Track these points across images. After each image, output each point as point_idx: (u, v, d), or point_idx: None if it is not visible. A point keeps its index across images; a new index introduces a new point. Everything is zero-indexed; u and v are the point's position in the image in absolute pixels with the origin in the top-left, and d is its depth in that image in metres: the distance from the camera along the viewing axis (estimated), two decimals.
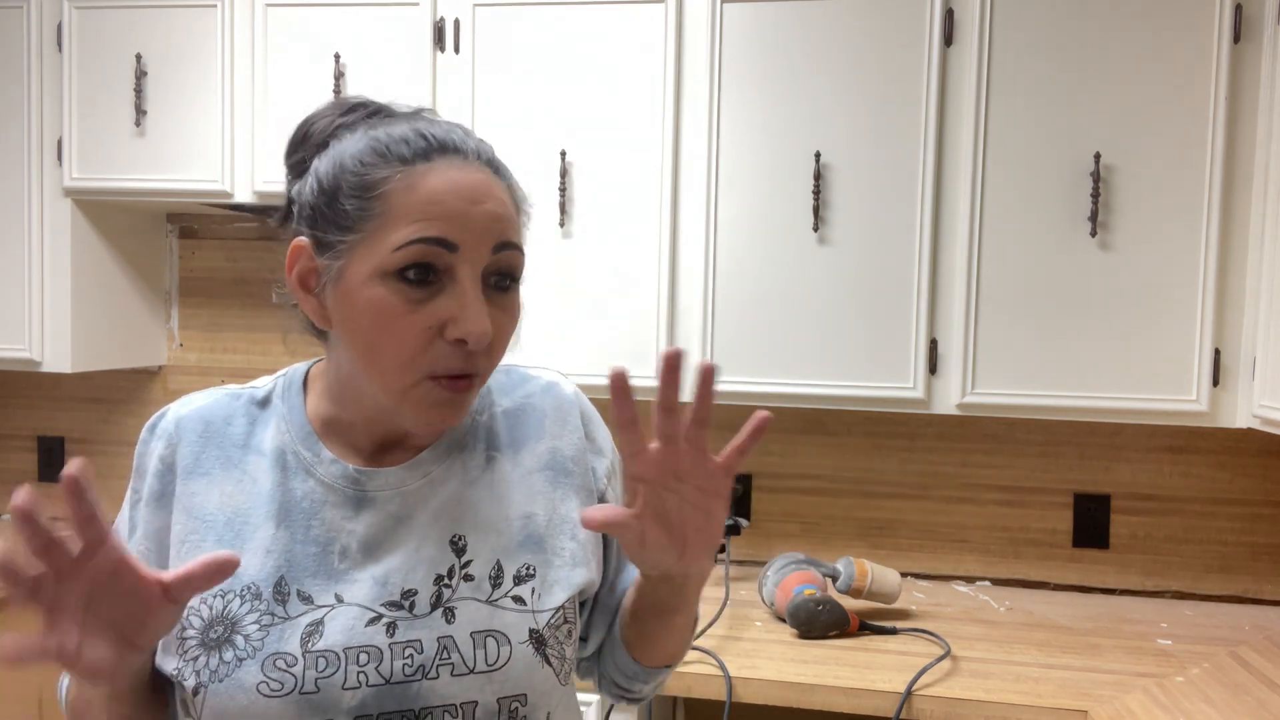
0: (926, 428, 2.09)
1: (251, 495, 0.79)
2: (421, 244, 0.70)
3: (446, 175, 0.72)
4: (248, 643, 0.73)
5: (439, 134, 0.74)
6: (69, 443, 2.42)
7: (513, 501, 0.82)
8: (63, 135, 2.01)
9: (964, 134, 1.75)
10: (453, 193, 0.71)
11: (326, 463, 0.79)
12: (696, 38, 1.82)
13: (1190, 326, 1.70)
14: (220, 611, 0.74)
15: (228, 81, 1.95)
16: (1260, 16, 1.66)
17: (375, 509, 0.79)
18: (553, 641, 0.79)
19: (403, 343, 0.71)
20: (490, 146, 0.78)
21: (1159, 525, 2.03)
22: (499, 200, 0.74)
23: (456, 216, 0.71)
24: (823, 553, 2.13)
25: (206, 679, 0.73)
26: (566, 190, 1.86)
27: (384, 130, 0.74)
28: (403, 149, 0.72)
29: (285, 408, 0.82)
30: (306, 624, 0.74)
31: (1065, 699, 1.45)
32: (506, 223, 0.74)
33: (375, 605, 0.75)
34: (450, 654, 0.75)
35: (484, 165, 0.75)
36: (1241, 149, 1.69)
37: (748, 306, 1.82)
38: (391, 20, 1.90)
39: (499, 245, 0.73)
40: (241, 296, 2.35)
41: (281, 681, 0.72)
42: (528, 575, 0.80)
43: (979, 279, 1.76)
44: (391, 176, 0.71)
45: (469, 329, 0.71)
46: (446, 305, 0.71)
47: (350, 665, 0.73)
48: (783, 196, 1.80)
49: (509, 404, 0.87)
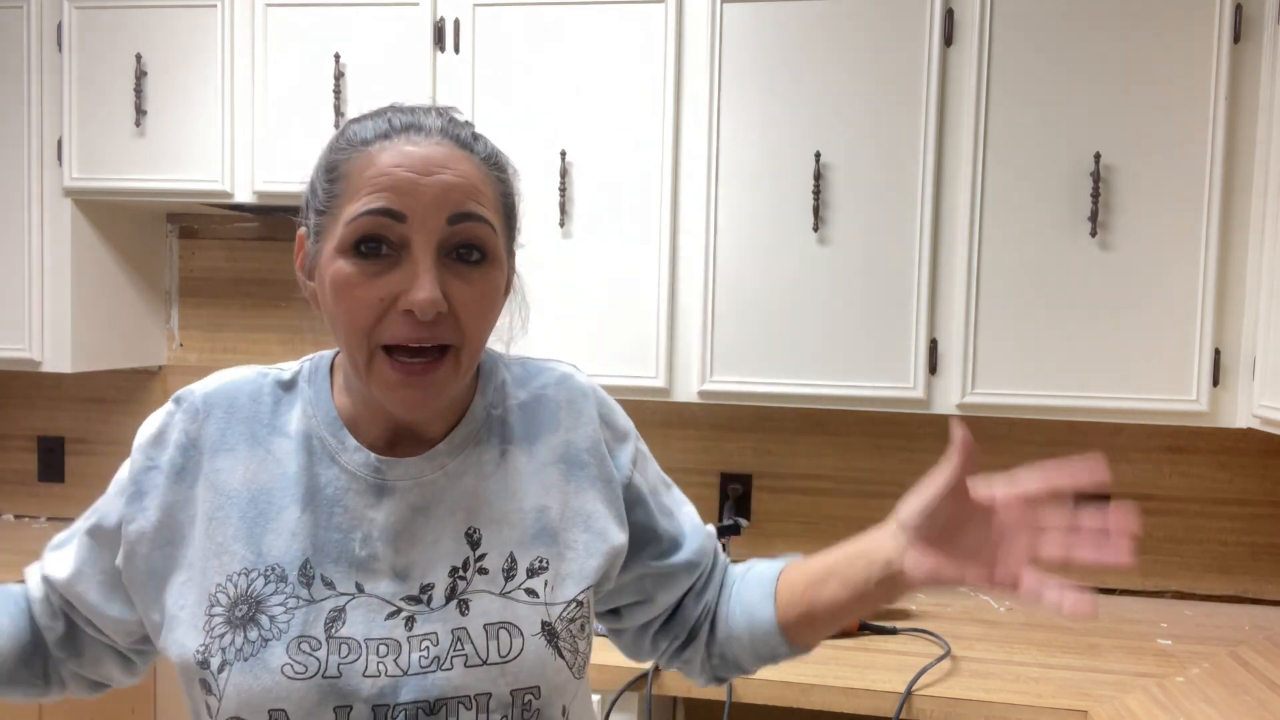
0: (926, 428, 2.09)
1: (276, 476, 0.79)
2: (369, 215, 0.71)
3: (400, 150, 0.72)
4: (273, 624, 0.73)
5: (405, 117, 0.75)
6: (69, 443, 2.42)
7: (526, 494, 0.83)
8: (63, 135, 2.01)
9: (964, 134, 1.75)
10: (402, 165, 0.72)
11: (351, 450, 0.80)
12: (696, 38, 1.82)
13: (1190, 326, 1.70)
14: (245, 590, 0.75)
15: (228, 81, 1.95)
16: (1260, 16, 1.66)
17: (396, 498, 0.79)
18: (565, 635, 0.79)
19: (356, 314, 0.72)
20: (465, 126, 0.78)
21: (1159, 525, 2.02)
22: (458, 172, 0.73)
23: (405, 187, 0.71)
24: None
25: (232, 657, 0.73)
26: (566, 190, 1.86)
27: (358, 120, 0.76)
28: (365, 132, 0.74)
29: (312, 392, 0.82)
30: (330, 609, 0.75)
31: (1065, 699, 1.45)
32: (464, 193, 0.73)
33: (395, 600, 0.76)
34: (464, 645, 0.75)
35: (447, 140, 0.75)
36: (1241, 149, 1.69)
37: (748, 306, 1.82)
38: (391, 20, 1.90)
39: (455, 216, 0.73)
40: (241, 296, 2.35)
41: (305, 665, 0.72)
42: (541, 568, 0.80)
43: (979, 279, 1.76)
44: (351, 157, 0.74)
45: (413, 298, 0.71)
46: (400, 277, 0.72)
47: (370, 655, 0.74)
48: (783, 196, 1.80)
49: (524, 397, 0.87)
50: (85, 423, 2.41)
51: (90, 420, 2.41)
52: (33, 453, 2.43)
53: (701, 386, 1.84)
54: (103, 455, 2.41)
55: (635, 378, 1.85)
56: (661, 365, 1.84)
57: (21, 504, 2.44)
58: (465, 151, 0.75)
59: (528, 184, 1.87)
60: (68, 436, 2.42)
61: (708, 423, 2.16)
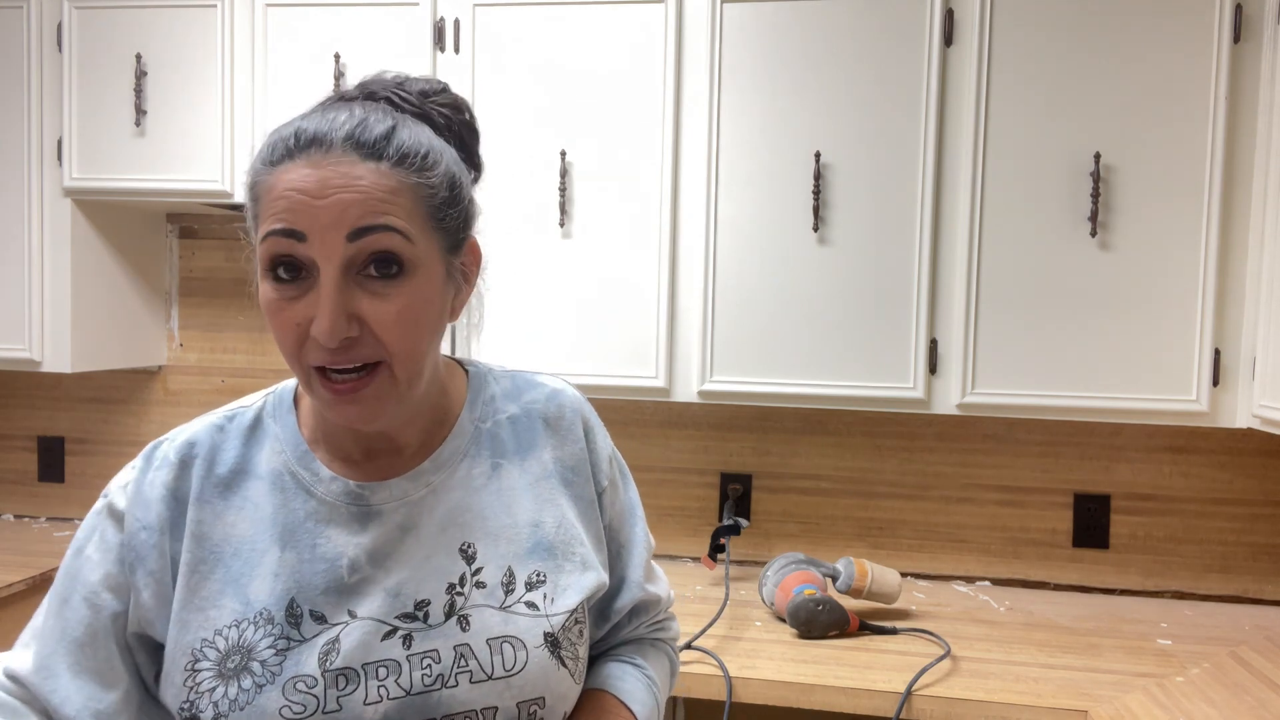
0: (926, 428, 2.09)
1: (254, 521, 0.78)
2: (272, 236, 0.71)
3: (297, 172, 0.70)
4: (265, 668, 0.73)
5: (311, 128, 0.72)
6: (69, 443, 2.42)
7: (521, 508, 0.83)
8: (63, 135, 2.01)
9: (964, 134, 1.75)
10: (298, 188, 0.70)
11: (326, 481, 0.79)
12: (696, 38, 1.82)
13: (1190, 326, 1.70)
14: (236, 641, 0.74)
15: (228, 81, 1.95)
16: (1260, 16, 1.66)
17: (380, 522, 0.78)
18: (566, 643, 0.80)
19: (283, 338, 0.72)
20: (380, 127, 0.73)
21: (1159, 525, 2.02)
22: (356, 188, 0.70)
23: (303, 209, 0.70)
24: (823, 553, 2.13)
25: (226, 709, 0.72)
26: (566, 190, 1.86)
27: (280, 129, 0.74)
28: (275, 151, 0.72)
29: (278, 427, 0.82)
30: (323, 643, 0.74)
31: (1065, 699, 1.45)
32: (364, 208, 0.70)
33: (389, 618, 0.76)
34: (468, 661, 0.75)
35: (350, 149, 0.71)
36: (1241, 149, 1.69)
37: (748, 306, 1.82)
38: (391, 20, 1.90)
39: (354, 232, 0.70)
40: (241, 296, 2.35)
41: (304, 704, 0.72)
42: (539, 581, 0.80)
43: (979, 279, 1.76)
44: (261, 180, 0.73)
45: (317, 329, 0.70)
46: (310, 302, 0.71)
47: (370, 680, 0.73)
48: (783, 196, 1.80)
49: (514, 410, 0.87)
50: (85, 423, 2.41)
51: (90, 420, 2.41)
52: (33, 453, 2.43)
53: (701, 386, 1.84)
54: (103, 455, 2.41)
55: (635, 378, 1.85)
56: (661, 365, 1.84)
57: (21, 504, 2.44)
58: (371, 161, 0.71)
59: (528, 184, 1.87)
60: (68, 436, 2.42)
61: (708, 423, 2.16)
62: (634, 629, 0.96)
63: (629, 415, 2.18)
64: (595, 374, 1.86)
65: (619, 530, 0.92)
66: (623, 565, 0.92)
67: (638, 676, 0.92)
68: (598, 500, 0.88)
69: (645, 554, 0.94)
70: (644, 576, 0.93)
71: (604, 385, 1.86)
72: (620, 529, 0.92)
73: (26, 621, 1.88)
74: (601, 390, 1.87)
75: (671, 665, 1.01)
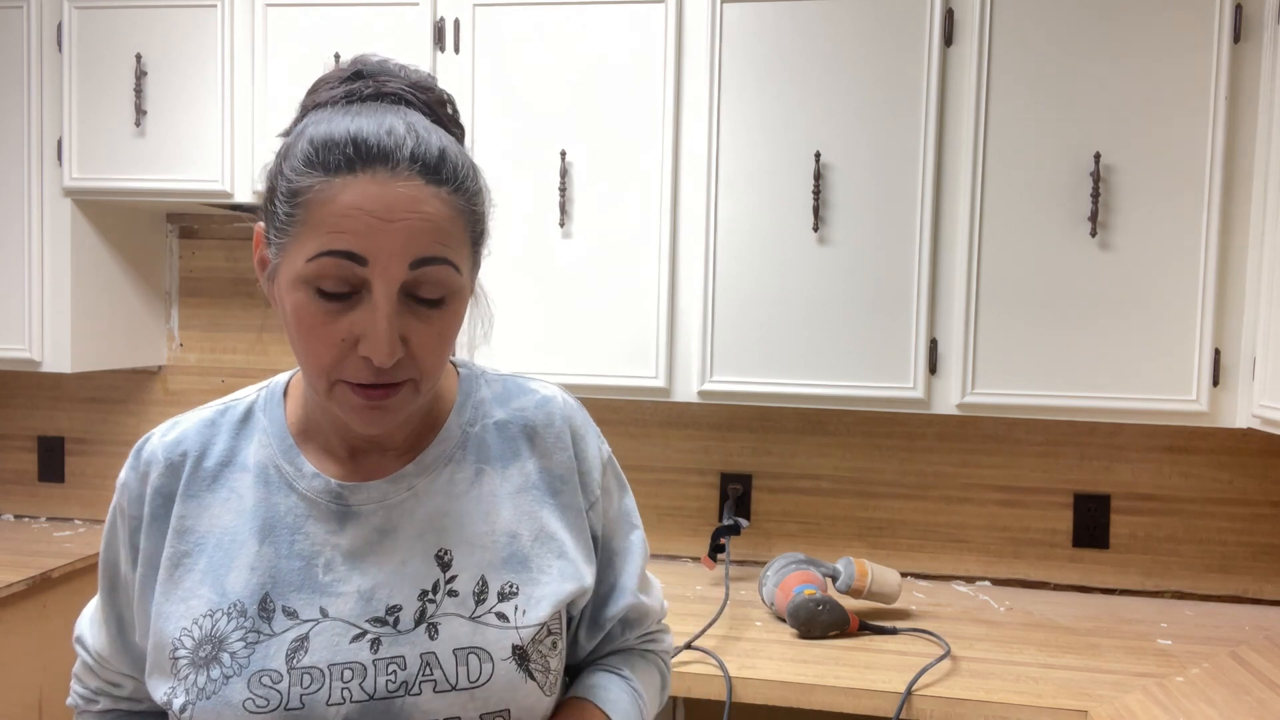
0: (926, 428, 2.09)
1: (237, 512, 0.79)
2: (330, 256, 0.68)
3: (365, 190, 0.68)
4: (234, 660, 0.74)
5: (371, 139, 0.69)
6: (69, 443, 2.42)
7: (500, 517, 0.82)
8: (63, 135, 2.01)
9: (964, 134, 1.75)
10: (366, 209, 0.68)
11: (308, 477, 0.80)
12: (696, 38, 1.82)
13: (1190, 326, 1.70)
14: (209, 631, 0.75)
15: (228, 81, 1.95)
16: (1260, 16, 1.66)
17: (359, 522, 0.79)
18: (535, 655, 0.79)
19: (318, 351, 0.71)
20: (435, 145, 0.72)
21: (1159, 525, 2.03)
22: (424, 215, 0.69)
23: (368, 232, 0.68)
24: (823, 553, 2.13)
25: (194, 697, 0.73)
26: (566, 190, 1.86)
27: (325, 128, 0.71)
28: (330, 156, 0.69)
29: (267, 420, 0.83)
30: (291, 640, 0.74)
31: (1065, 699, 1.45)
32: (430, 237, 0.70)
33: (359, 621, 0.76)
34: (433, 670, 0.75)
35: (416, 173, 0.70)
36: (1241, 149, 1.69)
37: (748, 306, 1.82)
38: (391, 20, 1.90)
39: (417, 261, 0.70)
40: (241, 296, 2.35)
41: (267, 698, 0.72)
42: (511, 593, 0.79)
43: (979, 279, 1.76)
44: (314, 186, 0.69)
45: (373, 351, 0.69)
46: (360, 320, 0.70)
47: (335, 682, 0.73)
48: (783, 196, 1.80)
49: (503, 416, 0.86)
50: (85, 423, 2.41)
51: (90, 420, 2.41)
52: (33, 453, 2.43)
53: (701, 386, 1.84)
54: (103, 455, 2.41)
55: (635, 377, 1.85)
56: (661, 365, 1.84)
57: (21, 504, 2.44)
58: (434, 186, 0.70)
59: (528, 184, 1.87)
60: (68, 436, 2.42)
61: (708, 423, 2.16)
62: (625, 640, 0.95)
63: (629, 415, 2.18)
64: (595, 374, 1.86)
65: (611, 538, 0.91)
66: (615, 573, 0.91)
67: (622, 687, 0.90)
68: (589, 510, 0.87)
69: (640, 563, 0.93)
70: (638, 585, 0.92)
71: (604, 385, 1.86)
72: (613, 537, 0.91)
73: (26, 621, 1.88)
74: (601, 390, 1.87)
75: (662, 677, 1.00)
